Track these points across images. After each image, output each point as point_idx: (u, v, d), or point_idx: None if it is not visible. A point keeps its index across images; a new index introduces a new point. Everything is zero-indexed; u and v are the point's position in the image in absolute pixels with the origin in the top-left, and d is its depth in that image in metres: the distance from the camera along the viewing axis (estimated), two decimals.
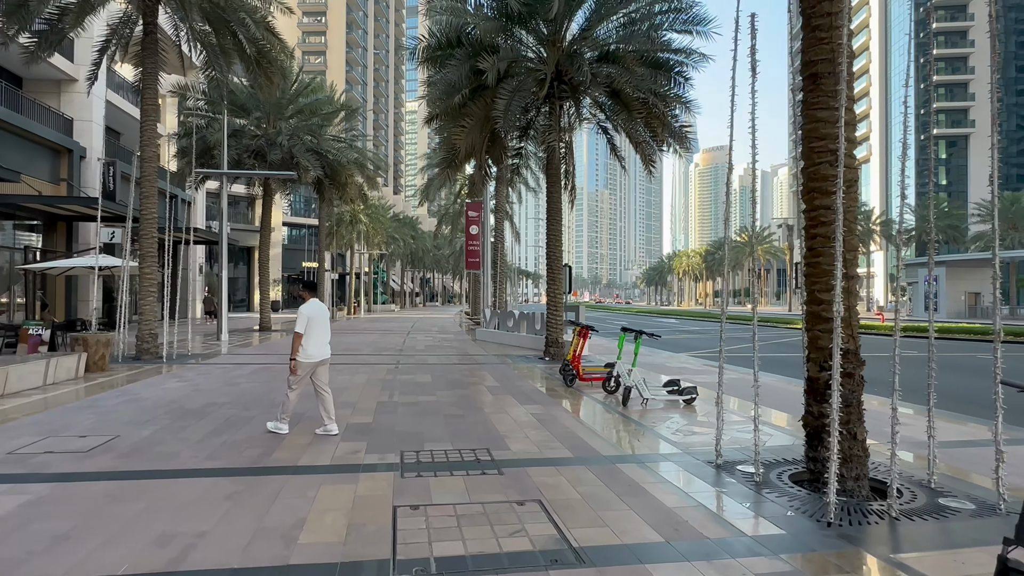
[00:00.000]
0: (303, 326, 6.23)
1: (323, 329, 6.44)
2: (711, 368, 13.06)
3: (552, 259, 14.19)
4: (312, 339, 6.30)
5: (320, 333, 6.40)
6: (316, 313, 6.35)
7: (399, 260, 69.02)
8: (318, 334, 6.37)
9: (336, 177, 23.32)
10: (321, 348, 6.44)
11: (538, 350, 15.99)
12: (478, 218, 28.31)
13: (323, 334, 6.45)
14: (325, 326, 6.47)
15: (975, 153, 71.09)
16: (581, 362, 10.20)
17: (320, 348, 6.43)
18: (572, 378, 9.87)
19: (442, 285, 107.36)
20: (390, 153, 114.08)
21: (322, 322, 6.42)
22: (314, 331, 6.30)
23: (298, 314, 6.29)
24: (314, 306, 6.39)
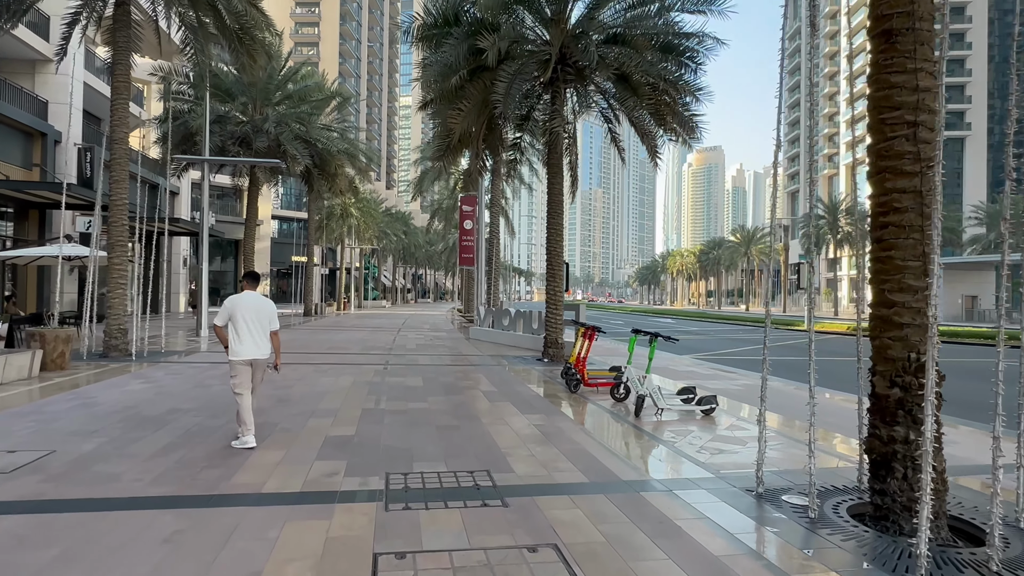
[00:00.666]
0: (223, 319, 5.66)
1: (252, 325, 5.64)
2: (720, 372, 12.30)
3: (552, 255, 13.37)
4: (239, 335, 5.62)
5: (248, 329, 5.62)
6: (240, 306, 5.62)
7: (391, 255, 68.02)
8: (246, 330, 5.61)
9: (325, 167, 22.38)
10: (248, 346, 5.63)
11: (536, 350, 15.18)
12: (472, 212, 27.48)
13: (253, 330, 5.64)
14: (255, 321, 5.65)
15: (970, 156, 71.02)
16: (586, 365, 9.40)
17: (247, 346, 5.63)
18: (576, 383, 9.06)
19: (434, 281, 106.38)
20: (383, 147, 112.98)
21: (250, 317, 5.63)
22: (241, 326, 5.60)
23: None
24: (241, 299, 5.69)
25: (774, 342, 21.33)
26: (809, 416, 4.36)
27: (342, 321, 27.87)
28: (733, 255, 79.82)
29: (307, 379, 9.65)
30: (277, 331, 5.87)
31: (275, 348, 5.88)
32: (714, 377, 11.43)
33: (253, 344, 5.63)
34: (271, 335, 5.80)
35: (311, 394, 8.30)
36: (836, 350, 18.13)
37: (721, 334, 26.25)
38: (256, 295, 5.81)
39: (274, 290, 50.84)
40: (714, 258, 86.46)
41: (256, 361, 5.68)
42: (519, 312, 17.35)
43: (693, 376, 11.34)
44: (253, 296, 5.77)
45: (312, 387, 8.89)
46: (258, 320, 5.66)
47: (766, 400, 4.71)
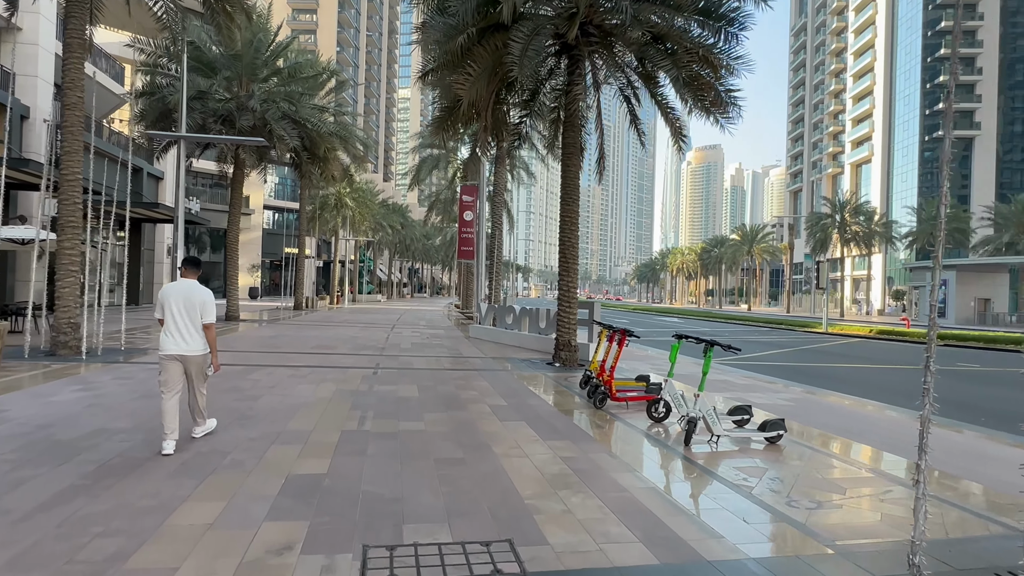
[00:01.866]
0: (158, 310, 5.16)
1: (180, 316, 5.05)
2: (759, 382, 10.80)
3: (566, 246, 11.85)
4: (167, 327, 5.09)
5: (175, 321, 5.05)
6: (170, 295, 5.08)
7: (387, 249, 66.41)
8: (172, 322, 5.06)
9: (315, 150, 20.77)
10: (174, 339, 5.05)
11: (544, 353, 13.69)
12: (473, 203, 25.93)
13: (180, 323, 5.05)
14: (183, 312, 5.06)
15: (979, 156, 69.68)
16: (613, 376, 7.92)
17: (173, 339, 5.06)
18: (602, 397, 7.56)
19: (431, 276, 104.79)
20: (381, 139, 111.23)
21: (178, 307, 5.05)
22: (168, 318, 5.08)
23: None
24: (172, 287, 5.14)
25: (795, 346, 19.89)
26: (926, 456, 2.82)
27: (333, 316, 26.31)
28: (735, 253, 78.40)
29: (280, 387, 8.12)
30: (211, 324, 5.21)
31: (210, 344, 5.25)
32: (753, 388, 9.94)
33: (180, 338, 5.03)
34: (204, 328, 5.17)
35: (281, 408, 6.78)
36: (867, 355, 16.77)
37: (736, 335, 24.81)
38: (190, 283, 5.15)
39: (266, 282, 49.23)
40: (716, 256, 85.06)
41: (186, 358, 5.08)
42: (524, 309, 15.84)
43: (729, 386, 9.85)
44: (185, 284, 5.12)
45: (284, 398, 7.37)
46: (187, 311, 5.05)
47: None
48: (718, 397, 8.79)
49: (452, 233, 71.82)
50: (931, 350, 3.13)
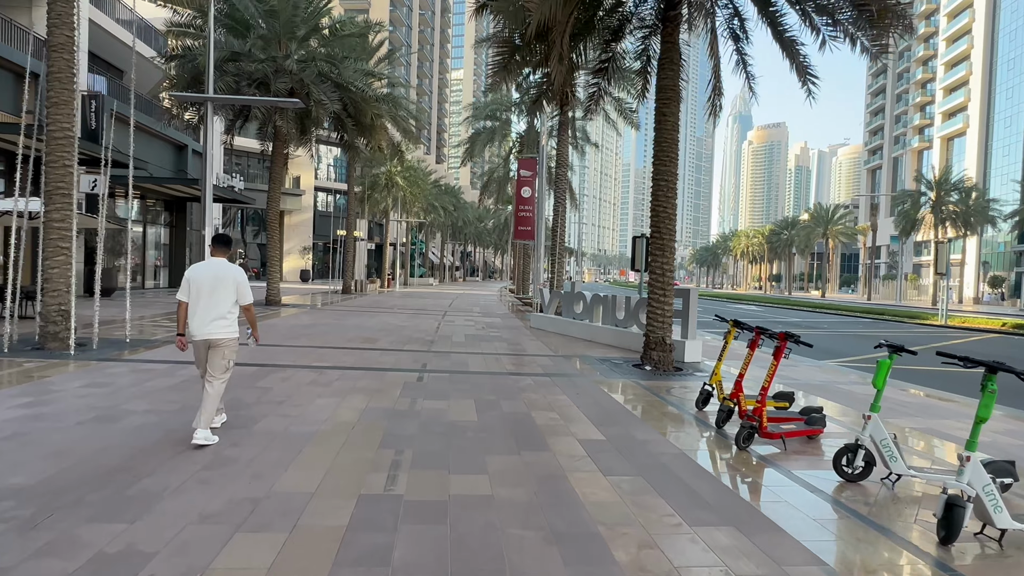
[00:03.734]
0: (183, 291, 4.61)
1: (209, 298, 4.57)
2: (941, 402, 8.01)
3: (661, 218, 9.33)
4: (193, 309, 4.58)
5: (202, 302, 4.56)
6: (197, 276, 4.59)
7: (439, 231, 64.91)
8: (199, 304, 4.56)
9: (361, 118, 18.78)
10: (200, 322, 4.58)
11: (624, 350, 11.26)
12: (532, 178, 23.50)
13: (209, 304, 4.57)
14: (212, 293, 4.57)
15: None
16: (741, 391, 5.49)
17: (199, 322, 4.58)
18: (748, 434, 5.07)
19: (483, 260, 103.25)
20: (433, 120, 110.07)
21: (206, 288, 4.56)
22: (195, 299, 4.57)
23: None
24: (202, 267, 4.66)
25: (919, 342, 16.61)
26: None
27: (383, 300, 24.57)
28: (809, 236, 72.93)
29: (293, 401, 6.04)
30: (250, 304, 4.85)
31: (250, 323, 4.94)
32: (931, 410, 7.20)
33: (208, 320, 4.59)
34: (244, 310, 4.84)
35: (281, 440, 4.67)
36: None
37: (837, 328, 21.55)
38: (219, 262, 4.75)
39: (318, 264, 48.42)
40: (785, 239, 79.54)
41: (213, 341, 4.63)
42: (598, 297, 13.40)
43: (897, 408, 7.16)
44: (215, 264, 4.72)
45: (292, 421, 5.27)
46: (215, 292, 4.60)
47: None
48: (906, 427, 6.15)
49: (505, 215, 69.65)
50: None
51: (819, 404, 7.02)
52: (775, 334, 5.37)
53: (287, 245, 44.70)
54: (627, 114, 18.93)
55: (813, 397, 7.60)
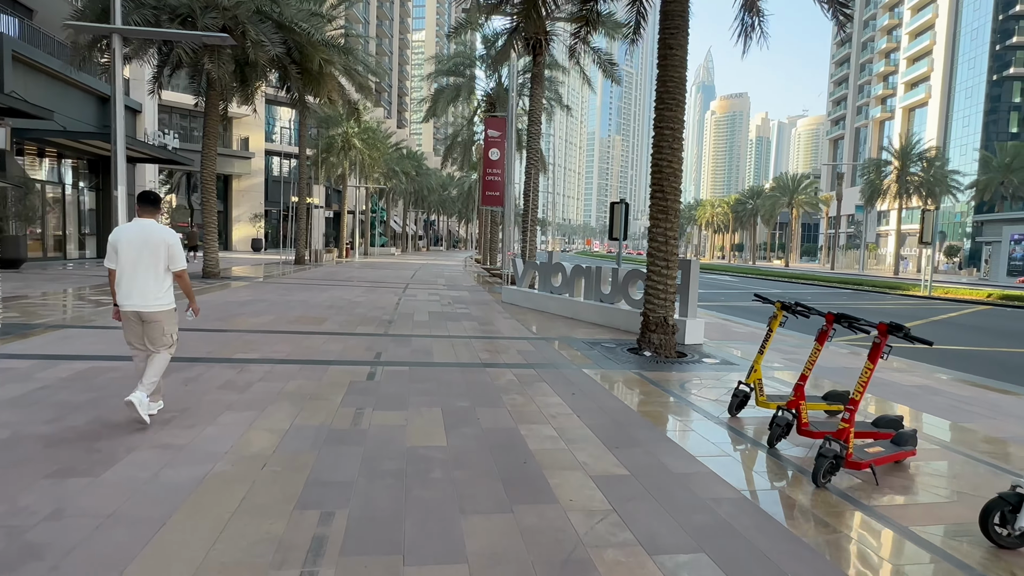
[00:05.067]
0: (111, 258, 4.17)
1: (136, 264, 4.11)
2: (978, 392, 6.77)
3: (665, 175, 7.77)
4: (119, 278, 4.15)
5: (130, 269, 4.11)
6: (122, 239, 4.12)
7: (401, 199, 62.31)
8: (128, 270, 4.11)
9: (307, 64, 16.51)
10: (129, 292, 4.12)
11: (614, 330, 9.82)
12: (501, 139, 21.70)
13: (138, 272, 4.11)
14: (138, 259, 4.10)
15: None
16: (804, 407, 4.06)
17: (127, 292, 4.13)
18: (831, 467, 3.60)
19: (447, 228, 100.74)
20: (394, 84, 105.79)
21: (133, 253, 4.09)
22: (122, 266, 4.12)
23: None
24: (127, 229, 4.17)
25: (915, 317, 15.73)
26: None
27: (338, 272, 22.58)
28: (774, 205, 73.01)
29: (188, 418, 4.34)
30: (183, 270, 4.31)
31: (185, 292, 4.48)
32: (975, 405, 5.96)
33: (137, 288, 4.11)
34: (176, 277, 4.32)
35: (139, 501, 2.99)
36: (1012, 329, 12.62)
37: (819, 300, 20.67)
38: (147, 223, 4.18)
39: (271, 233, 45.54)
40: (751, 209, 79.61)
41: (146, 316, 4.16)
42: (579, 268, 11.87)
43: (928, 399, 5.89)
44: (142, 225, 4.16)
45: (172, 458, 3.58)
46: (144, 258, 4.11)
47: None
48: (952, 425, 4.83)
49: (470, 183, 67.20)
50: None
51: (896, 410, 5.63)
52: (864, 324, 3.88)
53: (236, 212, 41.77)
54: (607, 67, 17.17)
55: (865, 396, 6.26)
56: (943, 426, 5.14)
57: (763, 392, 5.00)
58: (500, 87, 25.93)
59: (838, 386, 6.23)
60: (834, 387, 6.11)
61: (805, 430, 4.24)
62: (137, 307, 4.15)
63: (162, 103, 34.49)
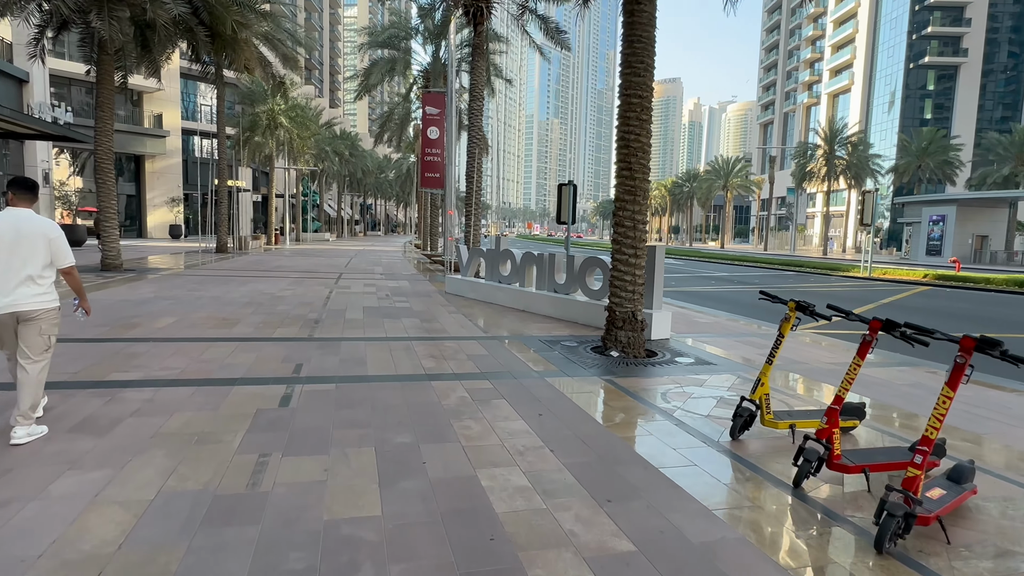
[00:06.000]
0: None
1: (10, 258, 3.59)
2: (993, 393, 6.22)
3: (633, 149, 6.82)
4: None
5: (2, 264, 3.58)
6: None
7: (335, 182, 59.50)
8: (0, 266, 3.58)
9: (217, 27, 14.57)
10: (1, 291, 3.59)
11: (570, 323, 8.90)
12: (440, 117, 20.35)
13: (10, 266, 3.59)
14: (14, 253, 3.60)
15: (964, 86, 66.61)
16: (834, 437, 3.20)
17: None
18: (903, 524, 2.72)
19: (385, 213, 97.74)
20: (325, 61, 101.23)
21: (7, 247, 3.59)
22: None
23: None
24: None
25: (863, 300, 15.67)
26: None
27: (265, 260, 20.71)
28: (710, 188, 74.50)
29: (13, 479, 3.03)
30: (72, 266, 3.84)
31: (75, 290, 3.95)
32: (983, 408, 5.37)
33: (11, 286, 3.59)
34: (64, 274, 3.84)
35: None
36: (996, 313, 12.65)
37: (767, 283, 20.56)
38: (22, 213, 3.68)
39: (192, 218, 42.18)
40: (688, 192, 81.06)
41: (23, 314, 3.63)
42: (530, 255, 10.85)
43: (931, 401, 5.27)
44: (16, 215, 3.65)
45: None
46: (16, 250, 3.60)
47: None
48: None
49: (408, 165, 64.93)
50: None
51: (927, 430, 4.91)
52: (940, 335, 2.99)
53: (151, 195, 38.38)
54: (555, 35, 16.09)
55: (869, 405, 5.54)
56: (970, 438, 4.44)
57: (770, 409, 4.15)
58: (438, 62, 24.40)
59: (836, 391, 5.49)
60: (824, 391, 5.36)
61: (838, 463, 3.38)
62: (11, 307, 3.59)
63: (58, 73, 30.87)
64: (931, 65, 66.85)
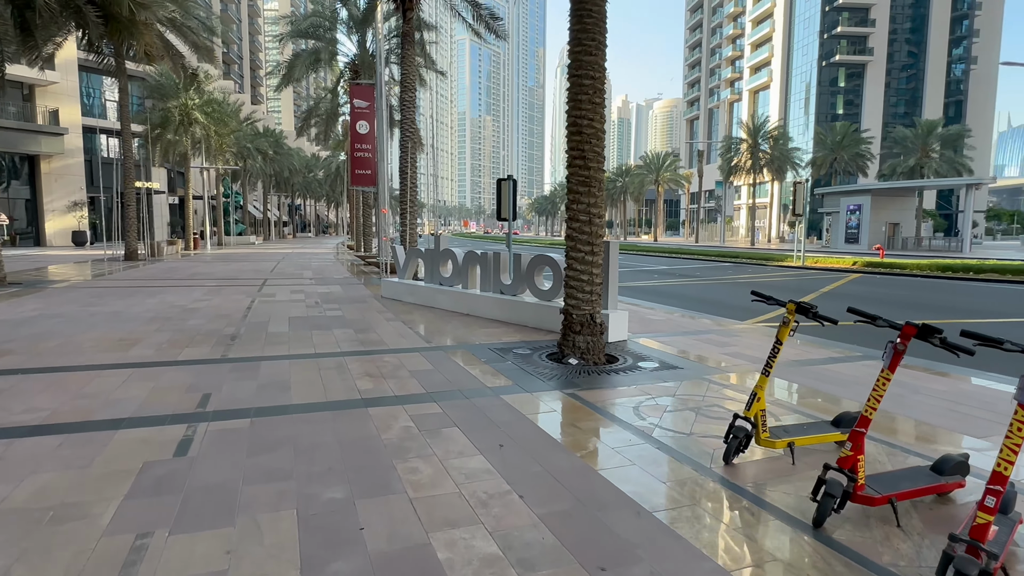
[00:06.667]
0: None
1: None
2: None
3: (586, 132, 6.19)
4: None
5: None
6: None
7: (260, 181, 56.49)
8: None
9: (112, 7, 12.96)
10: None
11: (520, 327, 8.25)
12: (369, 111, 19.31)
13: None
14: None
15: (871, 83, 70.79)
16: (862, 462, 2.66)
17: None
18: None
19: (315, 213, 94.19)
20: (245, 55, 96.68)
21: None
22: None
23: None
24: None
25: (802, 290, 15.85)
26: None
27: (180, 268, 18.95)
28: (642, 182, 75.91)
29: None
30: None
31: None
32: (965, 403, 5.10)
33: None
34: None
35: None
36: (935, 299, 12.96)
37: (709, 275, 20.66)
38: None
39: (98, 223, 38.72)
40: (621, 186, 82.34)
41: None
42: (473, 255, 10.11)
43: (913, 399, 4.96)
44: None
45: None
46: None
47: None
48: None
49: (338, 163, 62.54)
50: None
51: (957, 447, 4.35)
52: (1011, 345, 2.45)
53: (48, 199, 34.93)
54: (490, 23, 15.35)
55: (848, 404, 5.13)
56: (976, 446, 4.07)
57: (766, 427, 3.61)
58: (365, 52, 23.16)
59: (825, 399, 5.08)
60: (802, 394, 4.94)
61: (861, 495, 2.85)
62: None
63: None
64: (841, 63, 70.66)
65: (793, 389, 5.41)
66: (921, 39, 70.11)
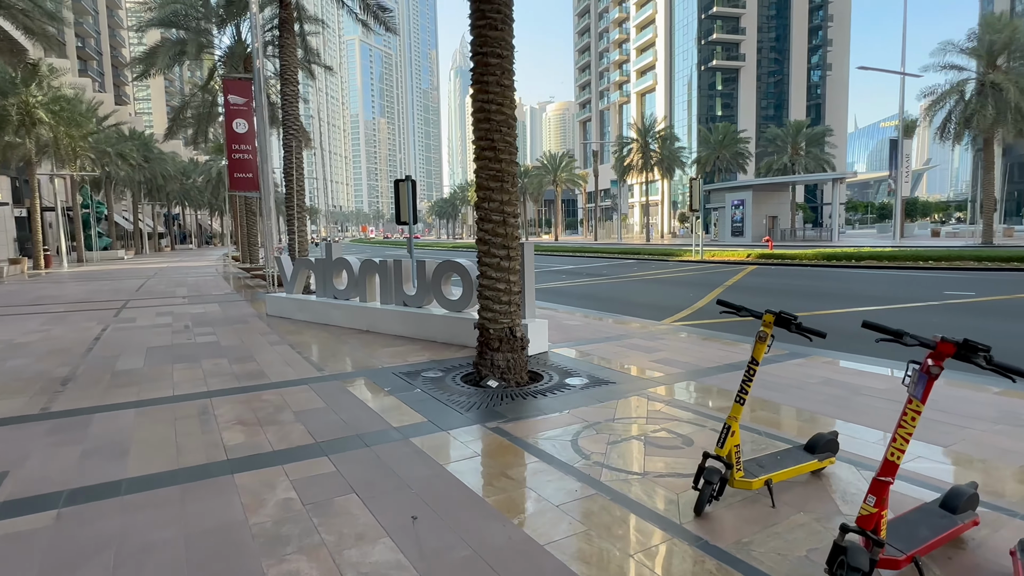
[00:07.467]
0: None
1: None
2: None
3: (495, 119, 5.39)
4: None
5: None
6: None
7: (128, 189, 50.96)
8: None
9: None
10: None
11: (428, 343, 7.32)
12: (247, 108, 17.54)
13: None
14: None
15: (744, 86, 76.04)
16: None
17: None
18: None
19: (197, 223, 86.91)
20: (105, 50, 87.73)
21: None
22: None
23: None
24: None
25: (710, 284, 16.04)
26: None
27: (24, 290, 16.12)
28: (541, 182, 76.78)
29: None
30: None
31: None
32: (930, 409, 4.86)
33: None
34: None
35: None
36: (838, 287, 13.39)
37: (617, 272, 20.63)
38: None
39: None
40: (521, 187, 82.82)
41: None
42: (371, 264, 9.00)
43: (873, 406, 4.64)
44: None
45: None
46: None
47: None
48: None
49: (218, 168, 57.74)
50: None
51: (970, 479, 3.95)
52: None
53: None
54: (379, 14, 14.19)
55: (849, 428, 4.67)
56: (967, 460, 3.68)
57: (740, 464, 2.96)
58: (241, 44, 21.07)
59: (768, 409, 4.58)
60: (756, 409, 4.42)
61: (884, 558, 2.24)
62: None
63: None
64: (718, 68, 75.34)
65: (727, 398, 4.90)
66: (785, 47, 76.30)
